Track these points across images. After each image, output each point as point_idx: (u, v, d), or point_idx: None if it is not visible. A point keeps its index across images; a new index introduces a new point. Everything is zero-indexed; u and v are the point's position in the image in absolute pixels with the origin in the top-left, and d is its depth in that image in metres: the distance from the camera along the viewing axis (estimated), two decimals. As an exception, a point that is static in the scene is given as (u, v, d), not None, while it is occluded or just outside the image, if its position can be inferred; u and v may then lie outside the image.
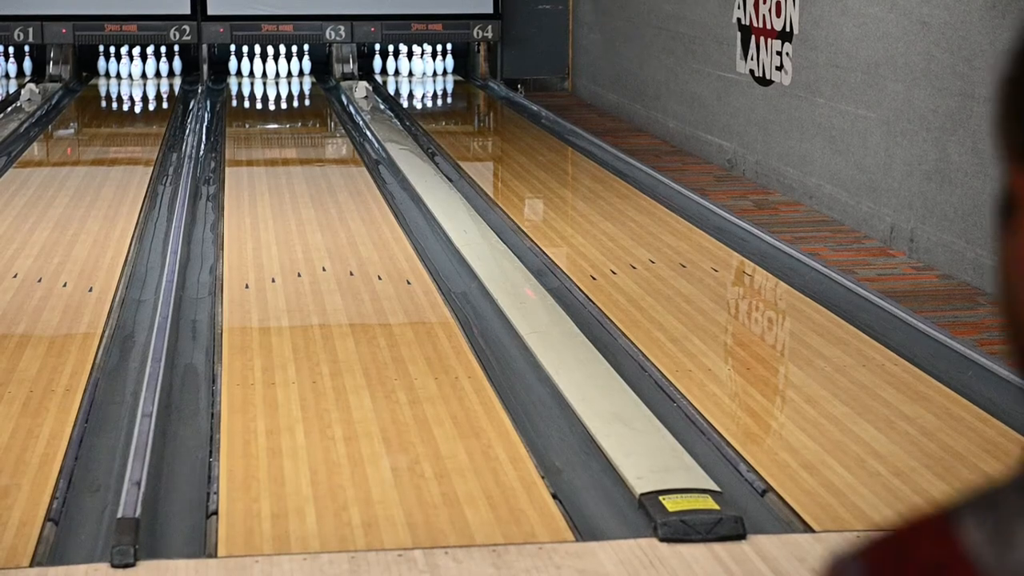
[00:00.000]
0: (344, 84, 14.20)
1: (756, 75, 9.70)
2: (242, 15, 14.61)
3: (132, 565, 3.72)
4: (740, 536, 3.90)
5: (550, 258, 7.17)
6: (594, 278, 6.73)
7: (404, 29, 14.69)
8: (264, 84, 14.79)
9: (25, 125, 11.84)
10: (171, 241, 7.44)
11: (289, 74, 15.04)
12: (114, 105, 14.06)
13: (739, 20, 9.96)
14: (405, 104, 13.62)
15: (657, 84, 11.90)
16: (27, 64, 14.84)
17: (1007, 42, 6.58)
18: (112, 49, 14.93)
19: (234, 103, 13.68)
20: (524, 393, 5.18)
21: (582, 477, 4.40)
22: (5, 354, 5.59)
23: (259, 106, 13.76)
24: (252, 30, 14.68)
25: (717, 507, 4.05)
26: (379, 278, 6.76)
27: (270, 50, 15.01)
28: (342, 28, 14.62)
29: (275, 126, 12.96)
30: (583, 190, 9.32)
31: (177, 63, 15.06)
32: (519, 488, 4.26)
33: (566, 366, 5.39)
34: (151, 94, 14.39)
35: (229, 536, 3.93)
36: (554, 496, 4.21)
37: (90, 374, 5.34)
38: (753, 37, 9.73)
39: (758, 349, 5.86)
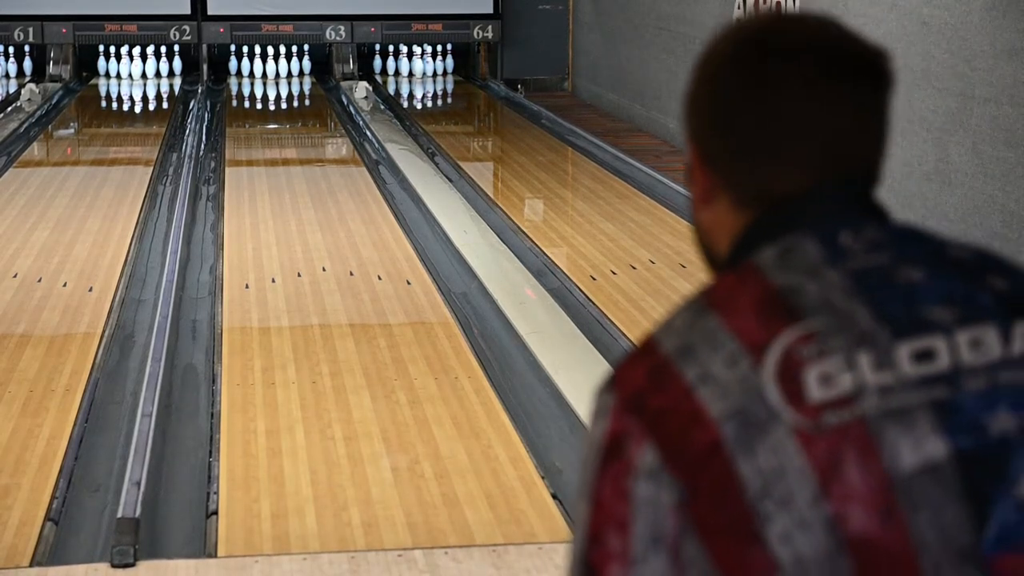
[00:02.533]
0: (344, 84, 14.21)
1: (756, 75, 9.71)
2: (242, 15, 14.61)
3: (132, 565, 3.72)
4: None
5: (550, 258, 7.17)
6: (594, 278, 6.73)
7: (404, 29, 14.69)
8: (264, 84, 14.79)
9: (25, 125, 11.84)
10: (171, 241, 7.44)
11: (289, 74, 15.04)
12: (114, 105, 14.06)
13: (739, 20, 9.96)
14: (405, 104, 13.63)
15: (657, 84, 11.90)
16: (27, 64, 14.84)
17: (1007, 42, 6.58)
18: (112, 49, 14.93)
19: (234, 103, 13.68)
20: (524, 393, 5.18)
21: (582, 477, 4.39)
22: (5, 354, 5.59)
23: (259, 106, 13.76)
24: (252, 30, 14.68)
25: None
26: (379, 278, 6.76)
27: (270, 50, 15.00)
28: (342, 28, 14.62)
29: (275, 126, 12.96)
30: (583, 190, 9.32)
31: (177, 63, 15.06)
32: (519, 488, 4.26)
33: (566, 366, 5.39)
34: (151, 94, 14.39)
35: (229, 536, 3.93)
36: (554, 496, 4.21)
37: (90, 374, 5.34)
38: (753, 37, 9.74)
39: (758, 349, 5.86)
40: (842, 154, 1.25)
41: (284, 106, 13.90)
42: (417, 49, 15.09)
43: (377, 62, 15.18)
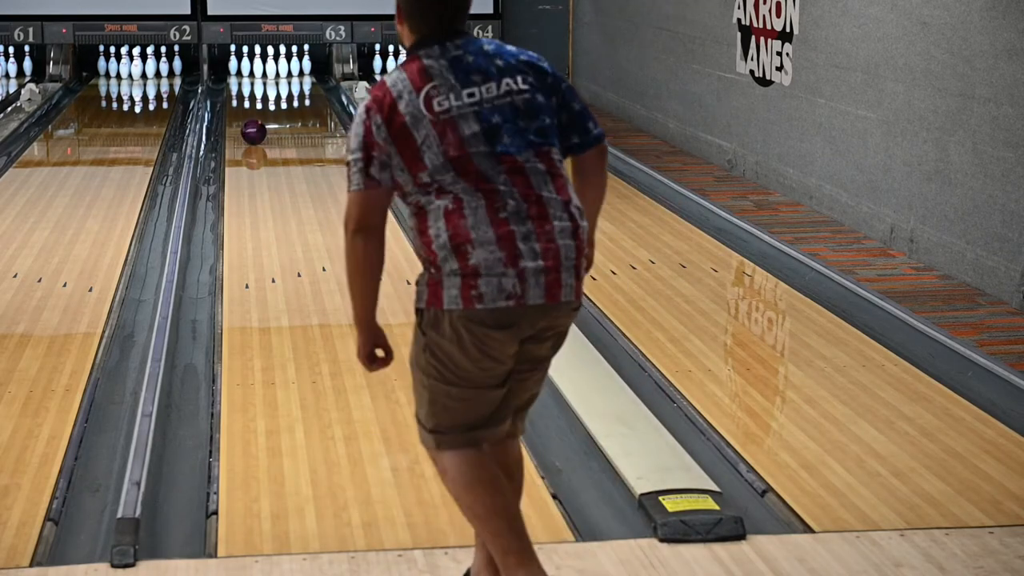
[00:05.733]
0: (344, 84, 14.21)
1: (756, 75, 9.71)
2: (242, 15, 14.61)
3: (132, 565, 3.73)
4: (740, 536, 3.90)
5: (550, 258, 7.14)
6: (594, 278, 6.73)
7: (404, 29, 14.68)
8: (264, 84, 14.79)
9: (25, 125, 11.84)
10: (171, 241, 7.44)
11: (289, 74, 15.04)
12: (114, 105, 14.06)
13: (739, 20, 9.96)
14: (405, 104, 13.59)
15: (657, 84, 11.90)
16: (27, 64, 14.85)
17: (1007, 42, 6.58)
18: (112, 49, 14.93)
19: (234, 103, 13.68)
20: (524, 393, 5.17)
21: (582, 477, 4.40)
22: (5, 354, 5.60)
23: (259, 106, 13.76)
24: (252, 30, 14.68)
25: (717, 507, 4.05)
26: (379, 278, 6.75)
27: (270, 50, 15.01)
28: (342, 28, 14.62)
29: (275, 126, 12.97)
30: (583, 190, 9.30)
31: (177, 63, 15.07)
32: (519, 488, 4.25)
33: (565, 366, 5.37)
34: (151, 94, 14.39)
35: (229, 536, 3.93)
36: (554, 496, 4.21)
37: (90, 374, 5.34)
38: (753, 37, 9.73)
39: (758, 349, 5.86)
40: (447, 22, 3.22)
41: (284, 106, 13.90)
42: (417, 49, 15.08)
43: (377, 62, 15.17)
